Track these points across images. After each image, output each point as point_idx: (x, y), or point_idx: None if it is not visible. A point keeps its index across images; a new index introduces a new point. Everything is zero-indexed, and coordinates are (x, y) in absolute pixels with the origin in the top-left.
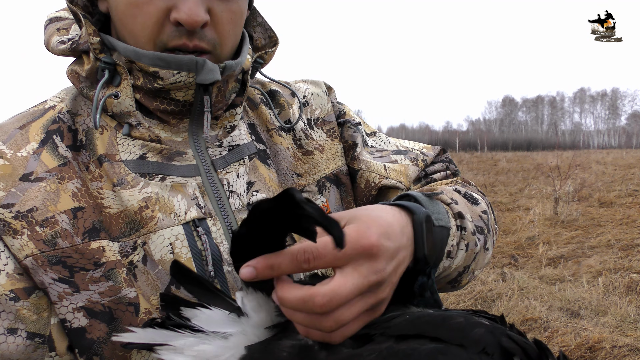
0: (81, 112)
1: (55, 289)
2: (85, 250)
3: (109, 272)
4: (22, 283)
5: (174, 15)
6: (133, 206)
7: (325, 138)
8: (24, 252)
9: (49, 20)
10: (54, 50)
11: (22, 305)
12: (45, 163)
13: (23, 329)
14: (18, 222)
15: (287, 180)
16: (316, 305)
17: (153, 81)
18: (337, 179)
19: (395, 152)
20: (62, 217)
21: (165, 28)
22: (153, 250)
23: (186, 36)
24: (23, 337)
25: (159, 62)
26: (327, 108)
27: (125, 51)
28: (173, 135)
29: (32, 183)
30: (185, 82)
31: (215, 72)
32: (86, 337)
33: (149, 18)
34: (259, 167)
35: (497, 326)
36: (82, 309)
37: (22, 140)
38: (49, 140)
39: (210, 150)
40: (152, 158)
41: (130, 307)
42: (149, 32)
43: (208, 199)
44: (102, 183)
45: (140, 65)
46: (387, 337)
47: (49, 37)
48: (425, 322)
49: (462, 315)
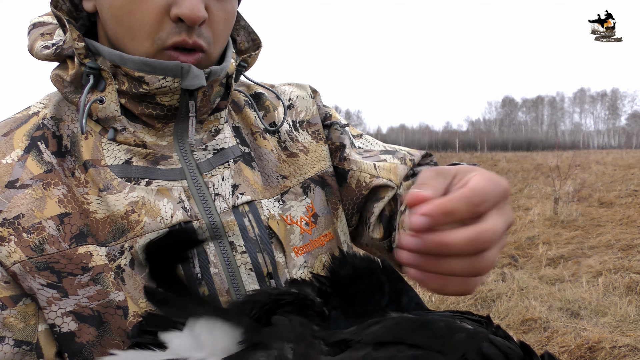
0: (65, 118)
1: (44, 294)
2: (72, 256)
3: (97, 276)
4: (9, 291)
5: (175, 11)
6: (119, 211)
7: (310, 140)
8: (12, 258)
9: (32, 25)
10: (38, 55)
11: (9, 313)
12: (30, 170)
13: (10, 337)
14: (5, 230)
15: (272, 182)
16: (484, 242)
17: (138, 86)
18: (323, 181)
19: (384, 152)
20: (48, 223)
21: (165, 24)
22: (140, 254)
23: (186, 32)
24: (10, 345)
25: (144, 67)
26: (312, 110)
27: (111, 56)
28: (158, 139)
29: (18, 190)
30: (170, 87)
31: (201, 78)
32: (75, 341)
33: (148, 14)
34: (244, 169)
35: (480, 330)
36: (71, 314)
37: (7, 148)
38: (34, 146)
39: (195, 153)
40: (137, 162)
41: (119, 310)
42: (147, 29)
43: (194, 202)
44: (88, 189)
45: (125, 69)
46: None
47: (32, 42)
48: (403, 328)
49: (444, 319)
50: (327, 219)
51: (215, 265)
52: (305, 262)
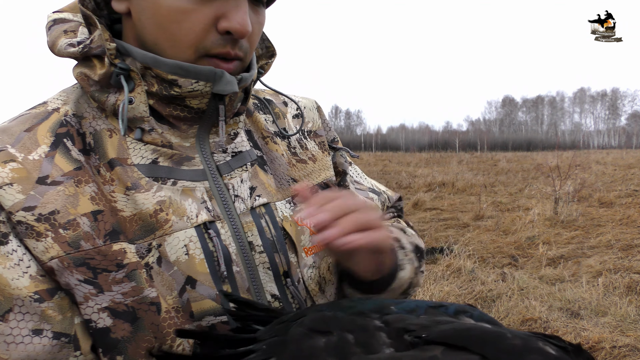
0: (86, 115)
1: (81, 290)
2: (107, 252)
3: (131, 273)
4: (45, 284)
5: (225, 25)
6: (148, 209)
7: (317, 150)
8: (49, 254)
9: (52, 22)
10: (61, 52)
11: (47, 305)
12: (60, 166)
13: (49, 329)
14: (41, 225)
15: (283, 185)
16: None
17: (169, 88)
18: (328, 188)
19: (371, 190)
20: (83, 220)
21: (210, 35)
22: (169, 252)
23: (231, 45)
24: (49, 337)
25: (178, 70)
26: (318, 123)
27: (144, 58)
28: (182, 140)
29: (50, 186)
30: (202, 91)
31: (234, 84)
32: (111, 336)
33: (196, 24)
34: (259, 173)
35: (562, 357)
36: (106, 309)
37: (32, 144)
38: (60, 143)
39: (215, 155)
40: (163, 163)
41: (152, 306)
42: (193, 38)
43: (215, 203)
44: (113, 186)
45: (157, 72)
46: (431, 343)
47: (55, 39)
48: (474, 336)
49: (523, 336)
50: None
51: (237, 264)
52: (314, 262)
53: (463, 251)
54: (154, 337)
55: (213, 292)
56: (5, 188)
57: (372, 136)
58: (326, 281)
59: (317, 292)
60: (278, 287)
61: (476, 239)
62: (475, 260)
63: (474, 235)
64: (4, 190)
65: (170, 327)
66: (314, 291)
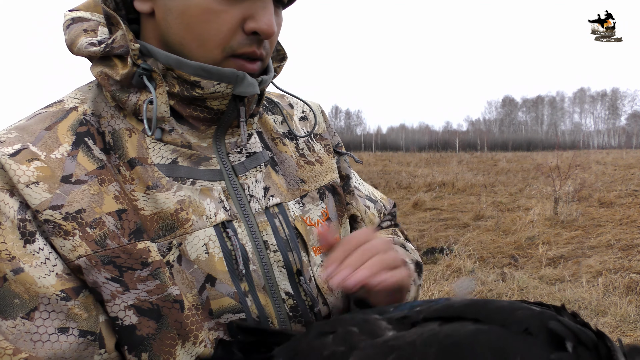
0: (104, 114)
1: (109, 288)
2: (132, 251)
3: (155, 271)
4: (71, 283)
5: (252, 25)
6: (169, 208)
7: (323, 152)
8: (77, 252)
9: (71, 20)
10: (81, 51)
11: (73, 304)
12: (83, 165)
13: (75, 327)
14: (69, 224)
15: (292, 185)
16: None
17: (191, 89)
18: (334, 189)
19: (368, 198)
20: (108, 219)
21: (237, 35)
22: (189, 250)
23: (256, 44)
24: (75, 335)
25: (201, 72)
26: (323, 126)
27: (167, 59)
28: (200, 141)
29: (74, 185)
30: (223, 92)
31: (255, 86)
32: (136, 334)
33: (224, 24)
34: (271, 173)
35: (547, 311)
36: (132, 307)
37: (53, 142)
38: (82, 142)
39: (231, 156)
40: (182, 163)
41: (176, 304)
42: (221, 38)
43: (232, 203)
44: (134, 185)
45: (179, 73)
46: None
47: (75, 38)
48: (465, 306)
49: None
50: (336, 224)
51: (253, 262)
52: (322, 262)
53: (463, 251)
54: (177, 334)
55: (232, 290)
56: (32, 187)
57: (372, 136)
58: None
59: (327, 290)
60: (292, 285)
61: (476, 239)
62: (475, 260)
63: (474, 235)
64: (30, 188)
65: (192, 325)
66: (324, 289)
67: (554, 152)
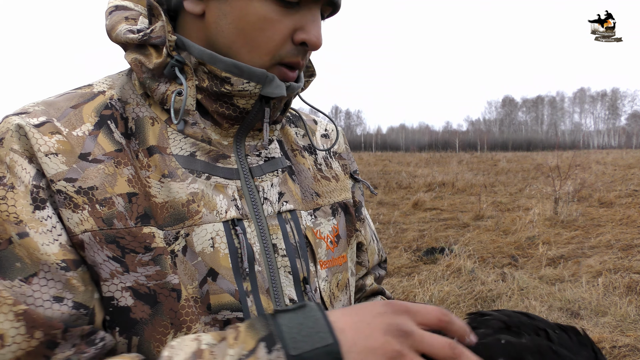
0: (130, 101)
1: (108, 267)
2: (137, 234)
3: (157, 257)
4: (73, 255)
5: (302, 36)
6: (181, 198)
7: (340, 170)
8: (83, 226)
9: (114, 7)
10: (119, 37)
11: (72, 275)
12: (102, 146)
13: (70, 298)
14: (80, 198)
15: (307, 197)
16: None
17: (220, 85)
18: (346, 208)
19: (373, 233)
20: (118, 200)
21: (287, 45)
22: (195, 242)
23: (302, 55)
24: (69, 306)
25: (233, 69)
26: (342, 147)
27: (201, 54)
28: (222, 138)
29: (91, 163)
30: (251, 91)
31: (282, 89)
32: (130, 316)
33: (277, 34)
34: (288, 180)
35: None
36: (129, 289)
37: (77, 120)
38: (104, 124)
39: (249, 158)
40: (200, 157)
41: (173, 292)
42: (273, 46)
43: (245, 202)
44: (149, 172)
45: (211, 68)
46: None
47: (115, 24)
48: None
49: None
50: (345, 243)
51: (259, 264)
52: (327, 276)
53: (463, 251)
54: (170, 323)
55: (232, 287)
56: (51, 157)
57: (372, 136)
58: (335, 297)
59: (329, 305)
60: (297, 292)
61: (476, 239)
62: (475, 260)
63: (474, 235)
64: (49, 158)
65: (187, 316)
66: (327, 303)
67: (554, 152)
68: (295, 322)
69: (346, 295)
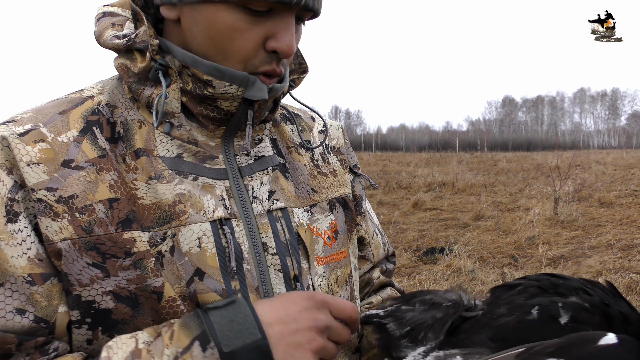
0: (119, 105)
1: (88, 273)
2: (118, 239)
3: (138, 261)
4: (41, 269)
5: (273, 45)
6: (168, 199)
7: (339, 165)
8: (62, 234)
9: (102, 14)
10: (106, 43)
11: (36, 290)
12: (85, 152)
13: (32, 312)
14: (60, 207)
15: (303, 193)
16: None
17: (203, 88)
18: (345, 203)
19: (376, 227)
20: (99, 206)
21: (259, 53)
22: (182, 242)
23: (276, 62)
24: (30, 319)
25: (215, 72)
26: (342, 141)
27: (184, 57)
28: (208, 139)
29: (73, 170)
30: (233, 94)
31: (264, 92)
32: (112, 317)
33: (248, 42)
34: (280, 178)
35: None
36: (110, 293)
37: (63, 126)
38: (89, 130)
39: (238, 157)
40: (187, 158)
41: (154, 295)
42: (244, 55)
43: (233, 202)
44: (137, 175)
45: (194, 71)
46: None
47: (102, 30)
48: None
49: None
50: (344, 238)
51: (248, 263)
52: (324, 272)
53: (463, 251)
54: (152, 321)
55: (219, 286)
56: (32, 167)
57: (372, 136)
58: (333, 293)
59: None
60: (287, 290)
61: (476, 239)
62: (475, 260)
63: (474, 235)
64: (30, 168)
65: (169, 315)
66: None
67: (554, 152)
68: (226, 319)
69: (346, 291)
